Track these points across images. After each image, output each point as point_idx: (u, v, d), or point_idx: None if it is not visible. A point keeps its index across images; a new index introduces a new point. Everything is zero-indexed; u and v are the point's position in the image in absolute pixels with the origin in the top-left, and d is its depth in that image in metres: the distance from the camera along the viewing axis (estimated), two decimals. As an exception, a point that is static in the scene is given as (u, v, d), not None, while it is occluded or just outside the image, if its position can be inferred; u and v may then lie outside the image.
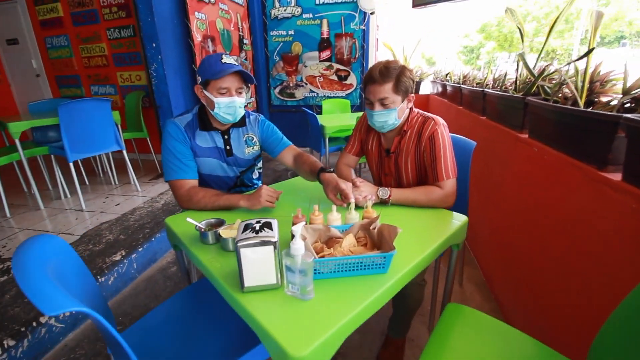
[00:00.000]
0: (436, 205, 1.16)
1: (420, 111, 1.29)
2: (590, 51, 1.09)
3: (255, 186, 1.51)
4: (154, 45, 2.84)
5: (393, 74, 1.14)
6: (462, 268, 1.89)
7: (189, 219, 0.98)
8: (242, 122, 1.38)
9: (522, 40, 1.59)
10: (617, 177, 0.89)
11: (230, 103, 1.22)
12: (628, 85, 0.98)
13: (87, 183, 3.28)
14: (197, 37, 3.23)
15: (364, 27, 4.28)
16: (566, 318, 1.08)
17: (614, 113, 0.92)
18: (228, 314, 0.99)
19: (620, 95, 1.00)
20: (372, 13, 4.19)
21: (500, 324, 0.96)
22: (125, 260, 1.91)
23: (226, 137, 1.34)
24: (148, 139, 3.57)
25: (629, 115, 0.80)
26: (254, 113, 1.45)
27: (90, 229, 2.25)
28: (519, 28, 1.57)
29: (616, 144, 0.91)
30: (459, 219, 1.09)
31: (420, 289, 1.20)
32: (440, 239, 0.96)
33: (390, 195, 1.14)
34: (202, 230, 0.95)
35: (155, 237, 2.17)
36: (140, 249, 2.03)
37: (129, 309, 1.73)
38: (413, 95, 1.22)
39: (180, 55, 3.11)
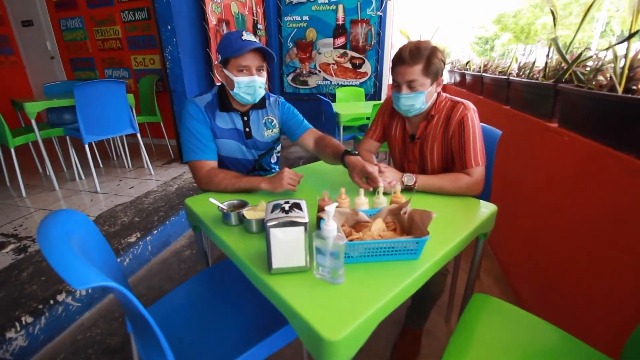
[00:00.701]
0: (464, 193, 1.12)
1: (449, 95, 1.23)
2: (633, 34, 1.02)
3: (274, 171, 1.49)
4: (169, 27, 2.80)
5: (424, 55, 1.08)
6: (481, 260, 1.85)
7: (211, 199, 0.96)
8: (262, 104, 1.34)
9: (555, 25, 1.51)
10: (662, 167, 0.84)
11: (251, 82, 1.18)
12: (678, 70, 0.92)
13: (101, 166, 3.30)
14: (212, 21, 3.18)
15: (380, 14, 4.17)
16: (598, 313, 1.04)
17: (663, 99, 0.86)
18: (248, 296, 0.98)
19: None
20: (389, -1, 4.07)
21: (529, 315, 0.93)
22: (140, 242, 1.92)
23: (245, 118, 1.31)
24: (162, 124, 3.56)
25: (684, 100, 0.75)
26: (274, 95, 1.41)
27: (105, 211, 2.27)
28: (552, 12, 1.49)
29: (662, 132, 0.86)
30: (487, 208, 1.05)
31: (443, 278, 1.17)
32: (470, 227, 0.93)
33: (415, 182, 1.10)
34: (225, 211, 0.93)
35: (170, 221, 2.18)
36: (155, 232, 2.04)
37: (144, 290, 1.74)
38: (443, 78, 1.17)
39: (194, 38, 3.07)
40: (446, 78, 4.28)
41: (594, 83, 1.22)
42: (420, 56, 1.08)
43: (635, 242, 0.90)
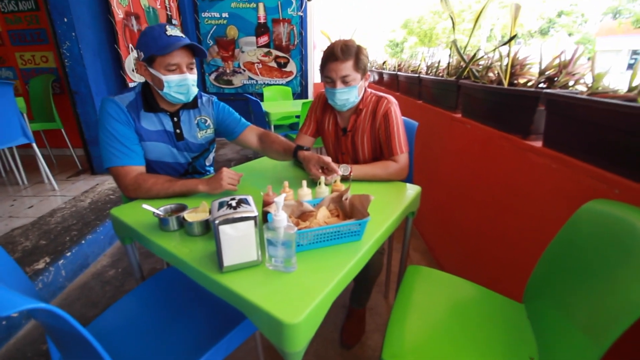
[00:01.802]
0: (393, 178, 1.25)
1: (373, 91, 1.35)
2: (513, 37, 1.25)
3: (208, 173, 1.43)
4: (65, 20, 2.45)
5: (353, 52, 1.17)
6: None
7: (145, 206, 0.89)
8: (194, 104, 1.27)
9: (454, 29, 1.75)
10: (538, 144, 1.06)
11: (182, 81, 1.11)
12: (543, 67, 1.16)
13: (-15, 185, 2.74)
14: (119, 14, 2.88)
15: (301, 14, 4.26)
16: (505, 268, 1.26)
17: (535, 89, 1.08)
18: (196, 302, 0.95)
19: (536, 77, 1.18)
20: (308, 0, 4.18)
21: (453, 277, 1.08)
22: (50, 268, 1.66)
23: (175, 119, 1.22)
24: (63, 131, 3.09)
25: (549, 90, 0.96)
26: (206, 94, 1.35)
27: (-2, 237, 1.90)
28: (451, 17, 1.73)
29: (537, 117, 1.08)
30: (413, 189, 1.19)
31: (381, 257, 1.29)
32: (401, 207, 1.04)
33: (351, 172, 1.19)
34: (162, 216, 0.88)
35: (86, 240, 1.92)
36: (68, 254, 1.78)
37: (62, 320, 1.52)
38: (369, 73, 1.27)
39: (99, 33, 2.74)
40: (366, 76, 4.59)
41: (486, 79, 1.47)
42: (350, 53, 1.17)
43: (525, 206, 1.12)
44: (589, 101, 0.81)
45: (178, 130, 1.24)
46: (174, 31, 1.08)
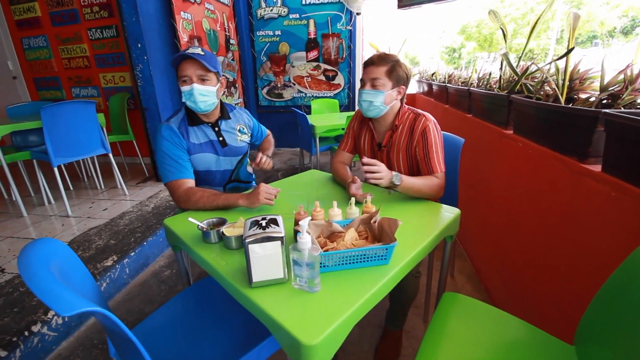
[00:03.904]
0: (434, 193, 1.23)
1: (412, 108, 1.34)
2: (570, 51, 1.15)
3: (252, 184, 1.55)
4: (139, 45, 2.80)
5: (390, 60, 1.24)
6: (454, 260, 1.95)
7: (191, 219, 0.99)
8: (226, 115, 1.44)
9: (505, 41, 1.66)
10: (597, 168, 0.95)
11: (190, 90, 1.24)
12: (605, 82, 1.05)
13: (72, 188, 3.19)
14: (184, 37, 3.20)
15: (350, 28, 4.33)
16: (555, 302, 1.14)
17: (593, 109, 0.98)
18: (232, 311, 1.01)
19: (598, 92, 1.07)
20: (358, 13, 4.24)
21: (495, 309, 1.01)
22: (117, 266, 1.88)
23: (217, 129, 1.39)
24: (134, 142, 3.50)
25: (608, 111, 0.86)
26: (235, 107, 1.53)
27: (78, 235, 2.20)
28: (502, 29, 1.64)
29: (596, 138, 0.98)
30: (451, 212, 1.13)
31: (416, 280, 1.25)
32: (435, 231, 1.00)
33: (402, 181, 1.14)
34: (205, 229, 0.96)
35: (147, 241, 2.15)
36: (132, 254, 2.00)
37: (123, 314, 1.70)
38: (404, 87, 1.28)
39: (166, 56, 3.07)
40: (415, 88, 4.48)
41: (541, 93, 1.36)
42: (386, 60, 1.24)
43: (580, 235, 1.01)
44: (653, 125, 0.72)
45: (221, 138, 1.39)
46: (194, 50, 1.23)
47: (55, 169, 2.46)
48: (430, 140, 1.25)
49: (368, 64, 1.27)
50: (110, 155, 2.83)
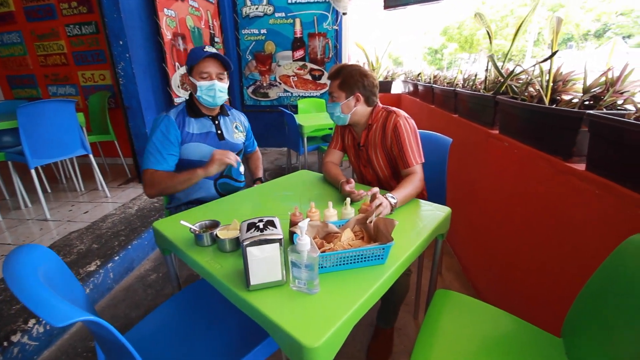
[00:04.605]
0: (420, 190, 1.25)
1: (386, 106, 1.39)
2: (554, 53, 1.20)
3: (242, 183, 1.55)
4: (121, 43, 2.71)
5: (340, 74, 1.32)
6: (442, 258, 1.99)
7: (182, 222, 0.96)
8: (225, 112, 1.52)
9: (491, 43, 1.70)
10: (581, 167, 0.99)
11: (211, 86, 1.34)
12: (587, 84, 1.09)
13: (49, 191, 3.06)
14: (167, 35, 3.12)
15: (336, 27, 4.33)
16: (542, 298, 1.18)
17: (578, 110, 1.02)
18: (226, 314, 0.99)
19: (581, 94, 1.11)
20: (344, 13, 4.25)
21: (486, 305, 1.04)
22: (101, 270, 1.82)
23: (217, 122, 1.46)
24: (116, 142, 3.39)
25: (592, 112, 0.90)
26: (232, 108, 1.62)
27: (58, 240, 2.11)
28: (487, 31, 1.68)
29: (580, 138, 1.01)
30: (442, 211, 1.16)
31: (407, 279, 1.26)
32: (427, 230, 1.02)
33: (397, 202, 1.12)
34: (197, 232, 0.94)
35: (132, 245, 2.08)
36: (116, 258, 1.94)
37: (109, 320, 1.63)
38: (360, 93, 1.32)
39: (149, 53, 2.99)
40: (400, 88, 4.54)
41: (526, 94, 1.40)
42: (337, 74, 1.33)
43: (565, 232, 1.05)
44: (634, 125, 0.75)
45: (219, 131, 1.46)
46: (210, 48, 1.33)
47: (33, 171, 2.35)
48: (403, 135, 1.29)
49: (328, 78, 1.40)
50: (91, 155, 2.73)
